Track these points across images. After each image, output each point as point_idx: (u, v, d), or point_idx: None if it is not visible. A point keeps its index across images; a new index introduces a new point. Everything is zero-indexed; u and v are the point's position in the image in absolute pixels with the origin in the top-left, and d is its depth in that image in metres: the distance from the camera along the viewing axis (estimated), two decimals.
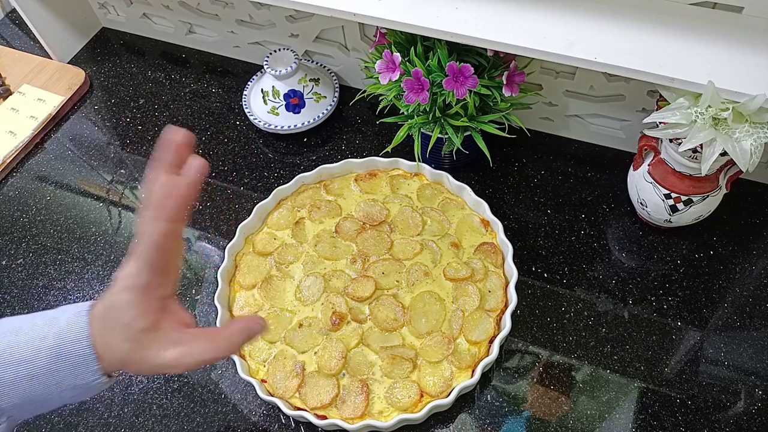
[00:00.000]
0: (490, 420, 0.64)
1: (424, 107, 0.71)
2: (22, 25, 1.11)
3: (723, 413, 0.63)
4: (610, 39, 0.62)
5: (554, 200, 0.80)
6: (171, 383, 0.69)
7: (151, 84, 1.00)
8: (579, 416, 0.64)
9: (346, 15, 0.68)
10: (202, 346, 0.46)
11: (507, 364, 0.67)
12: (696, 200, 0.68)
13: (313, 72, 0.90)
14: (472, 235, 0.73)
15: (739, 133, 0.57)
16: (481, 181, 0.82)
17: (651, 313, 0.70)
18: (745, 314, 0.69)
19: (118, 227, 0.83)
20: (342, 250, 0.73)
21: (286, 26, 0.90)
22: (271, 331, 0.68)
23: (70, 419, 0.67)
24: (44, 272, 0.80)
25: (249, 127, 0.92)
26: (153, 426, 0.66)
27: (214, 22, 0.97)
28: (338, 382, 0.64)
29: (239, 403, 0.67)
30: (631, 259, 0.74)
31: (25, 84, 0.99)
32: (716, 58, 0.60)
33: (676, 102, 0.60)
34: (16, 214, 0.86)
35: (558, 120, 0.84)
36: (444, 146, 0.75)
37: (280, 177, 0.86)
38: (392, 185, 0.78)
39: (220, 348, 0.46)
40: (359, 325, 0.67)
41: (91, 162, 0.91)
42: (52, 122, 0.95)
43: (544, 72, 0.79)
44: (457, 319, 0.66)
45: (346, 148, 0.88)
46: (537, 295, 0.72)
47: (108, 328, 0.44)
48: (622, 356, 0.67)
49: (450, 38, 0.65)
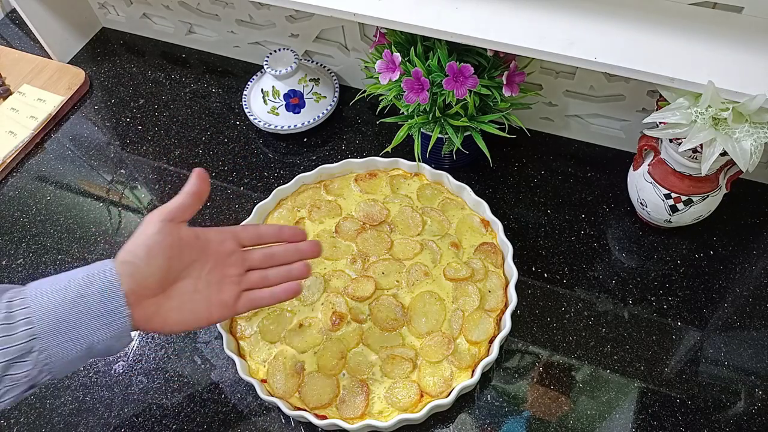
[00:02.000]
0: (490, 420, 0.64)
1: (424, 107, 0.71)
2: (22, 25, 1.11)
3: (723, 413, 0.63)
4: (610, 39, 0.62)
5: (554, 200, 0.80)
6: (171, 383, 0.69)
7: (151, 84, 1.00)
8: (579, 416, 0.64)
9: (346, 15, 0.68)
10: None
11: (507, 364, 0.68)
12: (696, 200, 0.68)
13: (313, 72, 0.90)
14: (472, 235, 0.73)
15: (739, 133, 0.57)
16: (481, 181, 0.82)
17: (651, 313, 0.70)
18: (745, 314, 0.69)
19: (118, 227, 0.83)
20: (342, 250, 0.73)
21: (286, 26, 0.90)
22: (271, 331, 0.68)
23: (70, 419, 0.67)
24: (44, 272, 0.80)
25: (249, 127, 0.92)
26: (153, 426, 0.66)
27: (214, 22, 0.97)
28: (338, 382, 0.64)
29: (239, 403, 0.67)
30: (631, 259, 0.75)
31: (25, 84, 0.99)
32: (716, 58, 0.60)
33: (676, 102, 0.60)
34: (16, 214, 0.86)
35: (558, 120, 0.84)
36: (444, 146, 0.75)
37: (280, 177, 0.86)
38: (392, 185, 0.78)
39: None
40: (359, 325, 0.67)
41: (91, 162, 0.91)
42: (52, 122, 0.95)
43: (544, 72, 0.79)
44: (457, 319, 0.66)
45: (346, 148, 0.88)
46: (537, 295, 0.72)
47: (132, 258, 0.50)
48: (622, 356, 0.67)
49: (450, 38, 0.65)
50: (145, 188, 0.87)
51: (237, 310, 0.57)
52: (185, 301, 0.53)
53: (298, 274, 0.59)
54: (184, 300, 0.53)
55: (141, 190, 0.87)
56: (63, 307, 0.46)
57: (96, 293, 0.47)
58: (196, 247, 0.54)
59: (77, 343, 0.47)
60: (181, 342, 0.72)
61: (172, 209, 0.52)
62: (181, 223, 0.53)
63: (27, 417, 0.68)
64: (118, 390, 0.69)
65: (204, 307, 0.54)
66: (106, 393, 0.69)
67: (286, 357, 0.66)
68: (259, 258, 0.58)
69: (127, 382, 0.70)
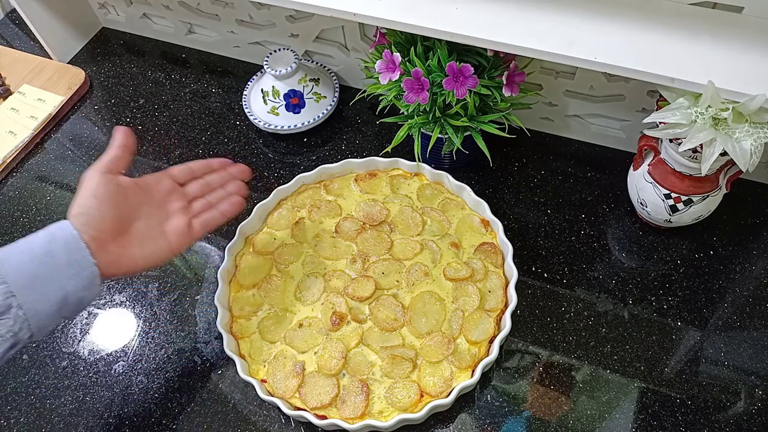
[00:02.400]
0: (490, 420, 0.64)
1: (424, 107, 0.71)
2: (22, 25, 1.11)
3: (723, 413, 0.63)
4: (610, 39, 0.62)
5: (554, 200, 0.80)
6: (171, 383, 0.69)
7: (151, 84, 1.00)
8: (579, 416, 0.64)
9: (346, 15, 0.68)
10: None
11: (507, 364, 0.68)
12: (696, 200, 0.68)
13: (313, 72, 0.90)
14: (472, 235, 0.73)
15: (739, 133, 0.57)
16: (481, 181, 0.82)
17: (651, 313, 0.70)
18: (745, 314, 0.69)
19: None
20: (342, 250, 0.73)
21: (286, 26, 0.90)
22: (271, 331, 0.68)
23: (70, 419, 0.67)
24: None
25: (249, 127, 0.92)
26: (153, 426, 0.66)
27: (214, 22, 0.97)
28: (338, 382, 0.64)
29: (239, 403, 0.67)
30: (631, 259, 0.74)
31: (25, 84, 0.99)
32: (716, 58, 0.59)
33: (676, 102, 0.60)
34: (16, 214, 0.86)
35: (558, 120, 0.84)
36: (444, 146, 0.75)
37: (280, 177, 0.86)
38: (392, 185, 0.78)
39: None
40: (359, 325, 0.67)
41: (91, 162, 0.90)
42: (52, 122, 0.95)
43: (544, 72, 0.79)
44: (457, 319, 0.66)
45: (346, 148, 0.88)
46: (537, 295, 0.72)
47: (83, 211, 0.54)
48: (622, 356, 0.67)
49: (450, 38, 0.65)
50: None
51: (194, 235, 0.62)
52: (144, 240, 0.58)
53: (237, 190, 0.66)
54: (142, 239, 0.58)
55: None
56: (33, 264, 0.50)
57: (61, 248, 0.51)
58: (138, 192, 0.59)
59: (52, 296, 0.50)
60: (181, 342, 0.72)
61: (105, 162, 0.58)
62: (117, 174, 0.58)
63: (27, 417, 0.68)
64: (118, 390, 0.69)
65: (162, 239, 0.59)
66: (106, 393, 0.69)
67: (286, 357, 0.66)
68: (197, 188, 0.65)
69: (127, 382, 0.70)
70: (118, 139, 0.60)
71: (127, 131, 0.61)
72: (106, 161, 0.58)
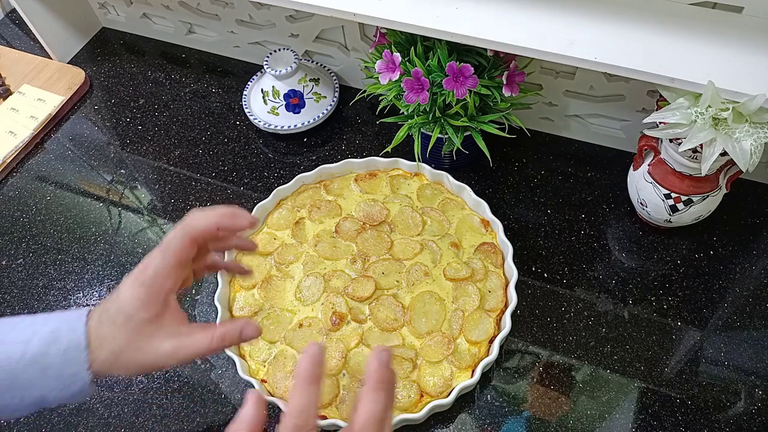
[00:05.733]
0: (490, 420, 0.64)
1: (424, 107, 0.71)
2: (22, 25, 1.11)
3: (723, 413, 0.63)
4: (610, 39, 0.62)
5: (554, 200, 0.80)
6: (171, 383, 0.69)
7: (151, 84, 1.00)
8: (579, 416, 0.64)
9: (346, 15, 0.68)
10: (198, 339, 0.48)
11: (507, 364, 0.68)
12: (696, 200, 0.68)
13: (313, 72, 0.90)
14: (472, 235, 0.73)
15: (739, 133, 0.57)
16: (481, 181, 0.82)
17: (651, 313, 0.70)
18: (745, 314, 0.69)
19: (118, 227, 0.83)
20: (342, 250, 0.73)
21: (286, 26, 0.90)
22: (271, 331, 0.68)
23: (70, 419, 0.67)
24: (44, 272, 0.80)
25: (249, 127, 0.92)
26: (153, 426, 0.66)
27: (214, 22, 0.97)
28: (338, 382, 0.64)
29: (239, 403, 0.67)
30: (631, 259, 0.74)
31: (25, 84, 0.99)
32: (716, 58, 0.59)
33: (676, 102, 0.60)
34: (16, 214, 0.86)
35: (558, 120, 0.84)
36: (444, 146, 0.75)
37: (280, 177, 0.86)
38: (392, 185, 0.78)
39: (213, 343, 0.49)
40: (359, 325, 0.67)
41: (91, 162, 0.91)
42: (52, 122, 0.95)
43: (544, 72, 0.79)
44: (457, 319, 0.66)
45: (346, 148, 0.88)
46: (537, 295, 0.72)
47: (106, 320, 0.46)
48: (622, 356, 0.67)
49: (450, 38, 0.65)
50: (145, 188, 0.87)
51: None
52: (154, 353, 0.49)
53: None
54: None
55: (141, 190, 0.87)
56: (21, 363, 0.44)
57: (59, 354, 0.44)
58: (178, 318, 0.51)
59: (27, 400, 0.45)
60: None
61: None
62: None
63: (27, 417, 0.68)
64: (118, 390, 0.69)
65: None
66: (106, 393, 0.69)
67: (286, 357, 0.66)
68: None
69: (127, 382, 0.70)
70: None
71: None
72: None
